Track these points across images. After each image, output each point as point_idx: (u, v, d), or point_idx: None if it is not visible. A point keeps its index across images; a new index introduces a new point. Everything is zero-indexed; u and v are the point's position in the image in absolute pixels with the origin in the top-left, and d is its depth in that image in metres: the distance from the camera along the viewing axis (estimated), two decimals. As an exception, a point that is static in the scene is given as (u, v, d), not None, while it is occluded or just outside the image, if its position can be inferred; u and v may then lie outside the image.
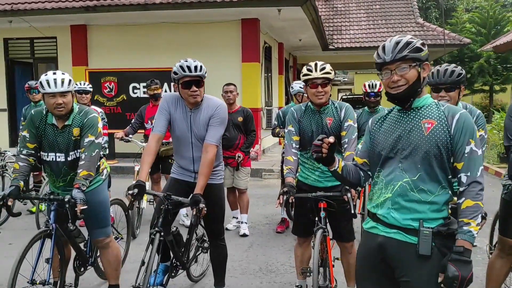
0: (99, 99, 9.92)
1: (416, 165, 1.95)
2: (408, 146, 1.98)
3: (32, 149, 3.13)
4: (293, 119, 3.30)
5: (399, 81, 1.96)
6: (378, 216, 2.03)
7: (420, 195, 1.94)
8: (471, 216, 1.86)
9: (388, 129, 2.08)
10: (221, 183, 3.51)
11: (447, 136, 1.94)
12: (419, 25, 16.84)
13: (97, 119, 3.14)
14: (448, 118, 1.95)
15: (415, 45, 1.95)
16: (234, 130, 5.32)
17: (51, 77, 2.97)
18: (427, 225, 1.91)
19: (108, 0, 9.63)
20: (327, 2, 19.16)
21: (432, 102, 2.04)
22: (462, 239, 1.85)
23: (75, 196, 2.86)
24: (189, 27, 10.35)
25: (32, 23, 10.49)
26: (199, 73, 3.14)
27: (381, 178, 2.05)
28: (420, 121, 1.99)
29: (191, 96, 3.16)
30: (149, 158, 3.21)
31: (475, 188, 1.89)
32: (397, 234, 1.96)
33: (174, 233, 3.38)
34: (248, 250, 4.80)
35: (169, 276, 3.49)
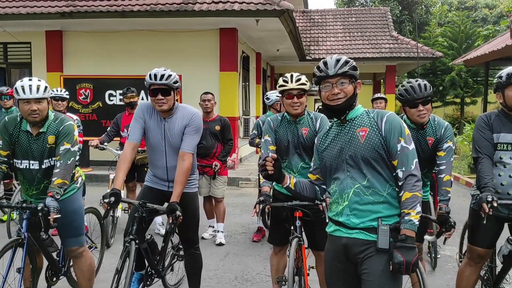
0: (74, 105, 9.78)
1: (361, 171, 2.13)
2: (350, 155, 2.15)
3: (4, 156, 3.08)
4: (270, 129, 3.35)
5: (339, 94, 2.14)
6: (340, 221, 2.18)
7: (372, 196, 2.11)
8: (410, 206, 2.04)
9: (331, 144, 2.26)
10: (195, 192, 3.51)
11: (380, 139, 2.12)
12: (393, 38, 17.24)
13: (73, 127, 3.11)
14: (377, 123, 2.15)
15: (353, 64, 2.18)
16: (211, 138, 5.33)
17: (27, 83, 2.93)
18: (385, 222, 2.09)
19: (85, 7, 9.54)
20: (305, 14, 19.43)
21: (363, 112, 2.22)
22: (404, 228, 2.03)
23: (48, 204, 2.82)
24: (168, 35, 10.34)
25: (5, 28, 10.29)
26: (165, 81, 3.14)
27: (335, 188, 2.21)
28: (355, 130, 2.17)
29: (157, 104, 3.17)
30: (124, 166, 3.20)
31: (411, 181, 2.08)
32: (359, 234, 2.12)
33: (149, 241, 3.37)
34: (224, 259, 4.80)
35: (144, 285, 3.46)
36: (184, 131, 3.25)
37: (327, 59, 2.19)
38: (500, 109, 3.06)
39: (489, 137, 2.98)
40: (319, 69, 2.20)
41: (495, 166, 2.97)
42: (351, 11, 20.16)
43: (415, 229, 2.03)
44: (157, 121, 3.29)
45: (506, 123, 2.97)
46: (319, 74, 2.19)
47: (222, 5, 9.17)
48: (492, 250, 3.16)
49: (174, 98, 3.25)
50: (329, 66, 2.16)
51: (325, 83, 2.17)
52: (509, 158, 2.93)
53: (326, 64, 2.17)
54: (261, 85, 14.74)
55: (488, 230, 3.03)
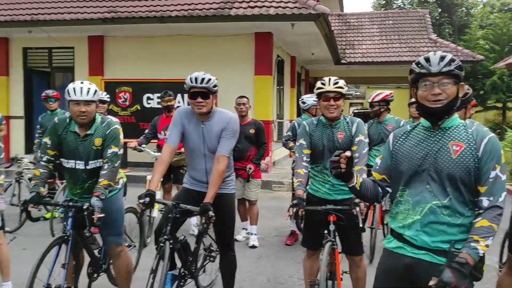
0: (114, 108, 10.09)
1: (445, 188, 1.94)
2: (435, 168, 1.96)
3: (52, 156, 3.24)
4: (305, 133, 3.37)
5: (440, 95, 1.93)
6: (405, 237, 2.01)
7: (450, 217, 1.93)
8: (483, 235, 1.85)
9: (412, 147, 2.05)
10: (233, 193, 3.57)
11: (475, 160, 1.92)
12: (432, 41, 16.88)
13: (119, 130, 3.25)
14: (476, 141, 1.94)
15: (459, 63, 1.96)
16: (245, 142, 5.40)
17: (78, 85, 3.09)
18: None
19: (126, 12, 9.85)
20: (340, 17, 19.31)
21: (460, 124, 2.02)
22: (467, 253, 1.82)
23: (93, 203, 2.95)
24: (204, 39, 10.53)
25: (50, 33, 10.76)
26: (205, 85, 3.23)
27: (407, 198, 2.02)
28: (448, 142, 1.97)
29: (196, 107, 3.26)
30: (161, 168, 3.29)
31: (495, 212, 1.89)
32: (426, 256, 1.95)
33: (182, 241, 3.44)
34: (257, 261, 4.84)
35: (177, 285, 3.54)
36: (221, 134, 3.33)
37: (430, 55, 1.98)
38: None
39: None
40: (419, 65, 1.98)
41: None
42: (388, 14, 19.89)
43: (477, 259, 1.84)
44: (196, 125, 3.38)
45: None
46: (418, 71, 1.96)
47: (258, 10, 9.26)
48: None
49: (213, 102, 3.34)
50: (432, 63, 1.94)
51: (424, 81, 1.95)
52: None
53: (428, 60, 1.96)
54: (295, 88, 14.75)
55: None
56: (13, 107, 11.67)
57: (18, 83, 11.61)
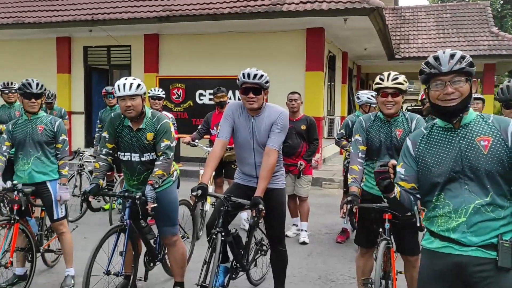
0: (168, 104, 10.36)
1: (485, 185, 1.91)
2: (470, 168, 1.92)
3: (110, 149, 3.39)
4: (361, 129, 3.30)
5: (453, 93, 1.92)
6: (452, 238, 1.96)
7: (494, 213, 1.90)
8: None
9: (438, 152, 2.01)
10: (283, 188, 3.57)
11: (506, 150, 1.90)
12: (493, 34, 16.00)
13: (169, 124, 3.35)
14: (501, 131, 1.92)
15: (470, 60, 1.94)
16: (296, 138, 5.38)
17: (122, 82, 3.23)
18: (505, 237, 1.89)
19: (180, 11, 10.08)
20: (395, 11, 18.73)
21: (476, 116, 1.99)
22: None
23: (146, 194, 3.06)
24: (255, 36, 10.57)
25: (109, 32, 11.22)
26: (257, 81, 3.25)
27: (445, 201, 1.97)
28: (474, 139, 1.94)
29: (247, 102, 3.29)
30: (213, 162, 3.35)
31: None
32: (476, 251, 1.92)
33: (234, 234, 3.50)
34: (308, 257, 4.82)
35: (230, 278, 3.59)
36: (270, 129, 3.34)
37: (439, 54, 1.96)
38: None
39: None
40: (428, 65, 1.97)
41: None
42: (446, 7, 19.04)
43: None
44: (246, 119, 3.41)
45: None
46: (429, 71, 1.96)
47: (310, 5, 9.18)
48: None
49: (264, 98, 3.36)
50: (442, 62, 1.93)
51: (436, 81, 1.95)
52: None
53: (438, 59, 1.95)
54: (346, 84, 14.50)
55: None
56: (74, 103, 12.29)
57: (78, 80, 12.21)
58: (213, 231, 3.24)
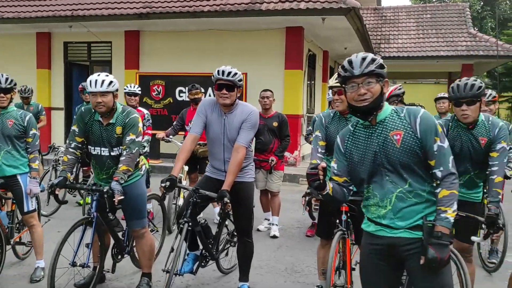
0: (147, 101, 10.42)
1: (401, 175, 2.10)
2: (387, 161, 2.11)
3: (80, 142, 3.47)
4: (321, 125, 3.46)
5: (366, 94, 2.08)
6: (383, 223, 2.16)
7: (415, 198, 2.10)
8: (447, 204, 2.05)
9: (362, 148, 2.19)
10: (251, 182, 3.71)
11: (417, 141, 2.08)
12: (471, 35, 16.34)
13: (138, 119, 3.43)
14: (411, 124, 2.09)
15: (379, 62, 2.11)
16: (269, 134, 5.52)
17: (94, 78, 3.31)
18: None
19: (160, 8, 10.13)
20: (376, 11, 19.00)
21: (391, 111, 2.16)
22: (440, 225, 2.03)
23: (113, 187, 3.15)
24: (236, 34, 10.66)
25: (90, 28, 11.20)
26: (231, 78, 3.40)
27: (374, 192, 2.18)
28: (389, 134, 2.12)
29: (221, 98, 3.43)
30: (183, 155, 3.49)
31: (450, 179, 2.07)
32: (404, 233, 2.12)
33: (203, 225, 3.66)
34: (277, 250, 4.96)
35: (199, 265, 3.74)
36: (241, 126, 3.47)
37: (352, 58, 2.12)
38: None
39: None
40: (344, 68, 2.13)
41: None
42: (426, 8, 19.42)
43: (450, 227, 2.04)
44: (218, 116, 3.55)
45: None
46: (344, 74, 2.12)
47: (289, 4, 9.30)
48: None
49: (236, 95, 3.49)
50: (354, 65, 2.08)
51: (350, 83, 2.10)
52: None
53: (351, 63, 2.10)
54: (327, 83, 14.66)
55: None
56: (54, 99, 12.23)
57: (59, 76, 12.15)
58: (181, 221, 3.41)
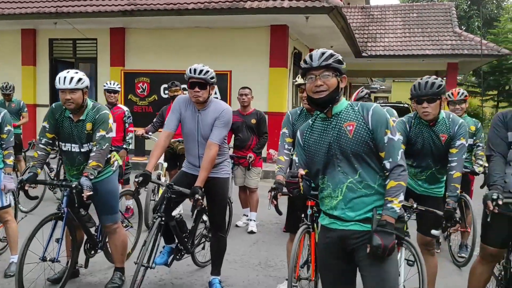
0: (132, 98, 10.44)
1: (353, 165, 2.18)
2: (340, 151, 2.20)
3: (50, 138, 3.50)
4: (288, 123, 3.53)
5: (321, 86, 2.18)
6: (335, 215, 2.24)
7: (365, 189, 2.18)
8: (394, 194, 2.13)
9: (318, 139, 2.28)
10: (226, 178, 3.78)
11: (368, 132, 2.17)
12: (456, 34, 16.50)
13: (108, 115, 3.48)
14: (364, 116, 2.19)
15: (338, 58, 2.22)
16: (247, 131, 5.58)
17: (63, 75, 3.34)
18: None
19: (145, 5, 10.14)
20: (364, 10, 19.11)
21: (347, 105, 2.25)
22: (386, 214, 2.12)
23: (82, 183, 3.20)
24: (221, 32, 10.71)
25: (75, 25, 11.17)
26: (203, 76, 3.45)
27: (327, 183, 2.26)
28: (342, 125, 2.21)
29: (193, 96, 3.48)
30: (157, 151, 3.55)
31: (398, 170, 2.16)
32: (355, 225, 2.20)
33: (178, 219, 3.73)
34: (253, 245, 5.04)
35: (173, 258, 3.82)
36: (214, 123, 3.53)
37: (313, 52, 2.24)
38: (516, 108, 3.01)
39: (504, 135, 2.96)
40: (305, 61, 2.24)
41: (508, 166, 2.95)
42: (413, 7, 19.51)
43: (395, 216, 2.12)
44: (192, 113, 3.61)
45: None
46: (304, 66, 2.24)
47: (272, 3, 9.37)
48: (505, 250, 3.12)
49: (209, 92, 3.55)
50: (313, 58, 2.20)
51: (309, 75, 2.22)
52: (522, 158, 2.89)
53: (311, 57, 2.22)
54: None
55: (499, 229, 3.01)
56: (39, 96, 12.19)
57: (44, 72, 12.11)
58: (154, 215, 3.50)
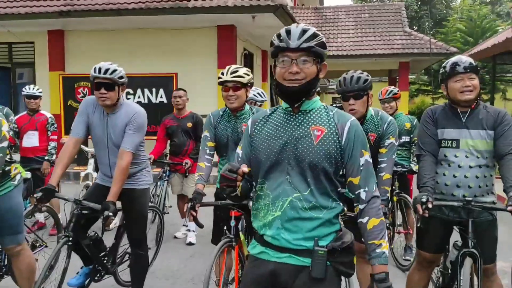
0: (72, 104, 9.84)
1: (305, 178, 1.74)
2: (295, 156, 1.75)
3: None
4: (209, 125, 3.22)
5: (298, 74, 1.72)
6: (266, 238, 1.79)
7: (312, 211, 1.74)
8: (381, 236, 1.75)
9: (271, 134, 1.81)
10: (144, 189, 3.42)
11: (337, 146, 1.75)
12: (406, 33, 16.78)
13: (1, 122, 3.04)
14: (338, 126, 1.76)
15: (322, 40, 1.75)
16: (183, 136, 5.24)
17: None
18: (322, 243, 1.73)
19: (82, 6, 9.60)
20: (317, 11, 19.17)
21: (321, 106, 1.83)
22: (380, 264, 1.73)
23: None
24: (167, 32, 10.30)
25: (9, 28, 10.46)
26: (109, 75, 3.09)
27: (266, 191, 1.79)
28: (309, 127, 1.77)
29: (99, 98, 3.10)
30: (63, 161, 3.17)
31: (375, 204, 1.78)
32: (290, 258, 1.76)
33: (93, 237, 3.33)
34: (189, 259, 4.69)
35: (91, 280, 3.41)
36: (125, 129, 3.17)
37: (292, 27, 1.74)
38: (446, 103, 2.83)
39: (433, 132, 2.76)
40: (279, 37, 1.74)
41: (440, 165, 2.75)
42: (364, 7, 19.79)
43: (387, 262, 1.75)
44: (100, 116, 3.23)
45: (451, 118, 2.74)
46: (277, 44, 1.74)
47: (216, 2, 9.07)
48: (441, 254, 2.93)
49: (119, 94, 3.19)
50: (292, 36, 1.71)
51: (283, 56, 1.73)
52: (454, 156, 2.69)
53: (289, 33, 1.72)
54: (267, 82, 14.58)
55: (434, 234, 2.82)
56: (-27, 104, 11.35)
57: (-23, 79, 11.31)
58: (60, 235, 3.06)
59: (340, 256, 1.75)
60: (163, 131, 5.34)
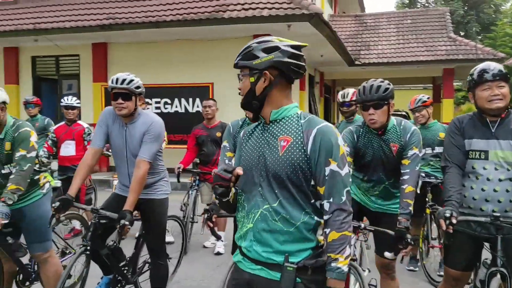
0: (113, 114, 10.14)
1: (273, 190, 1.72)
2: (265, 167, 1.74)
3: None
4: (229, 135, 3.20)
5: (241, 89, 1.83)
6: (243, 249, 1.81)
7: (282, 224, 1.71)
8: (338, 250, 1.68)
9: (252, 146, 1.84)
10: (163, 199, 3.44)
11: (303, 155, 1.70)
12: (451, 39, 16.21)
13: (29, 133, 3.16)
14: (304, 134, 1.71)
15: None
16: (212, 145, 5.26)
17: None
18: (293, 259, 1.70)
19: (123, 19, 9.92)
20: (357, 18, 18.90)
21: (294, 114, 1.78)
22: (332, 278, 1.68)
23: None
24: (203, 43, 10.46)
25: (57, 42, 10.99)
26: (126, 86, 3.14)
27: (243, 203, 1.81)
28: (277, 137, 1.76)
29: (117, 108, 3.16)
30: (82, 171, 3.22)
31: (340, 217, 1.69)
32: (262, 271, 1.75)
33: (112, 247, 3.36)
34: (216, 269, 4.67)
35: None
36: (143, 138, 3.21)
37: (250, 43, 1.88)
38: (474, 112, 2.67)
39: (460, 143, 2.61)
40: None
41: (467, 178, 2.60)
42: (407, 13, 19.30)
43: (344, 278, 1.69)
44: (119, 127, 3.29)
45: (479, 127, 2.59)
46: None
47: (252, 12, 9.12)
48: (470, 273, 2.75)
49: (136, 104, 3.23)
50: None
51: None
52: (482, 168, 2.53)
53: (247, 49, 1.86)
54: (305, 91, 14.47)
55: (461, 250, 2.65)
56: (23, 114, 11.95)
57: (27, 91, 11.86)
58: (79, 244, 3.13)
59: (314, 275, 1.71)
60: (193, 140, 5.39)
